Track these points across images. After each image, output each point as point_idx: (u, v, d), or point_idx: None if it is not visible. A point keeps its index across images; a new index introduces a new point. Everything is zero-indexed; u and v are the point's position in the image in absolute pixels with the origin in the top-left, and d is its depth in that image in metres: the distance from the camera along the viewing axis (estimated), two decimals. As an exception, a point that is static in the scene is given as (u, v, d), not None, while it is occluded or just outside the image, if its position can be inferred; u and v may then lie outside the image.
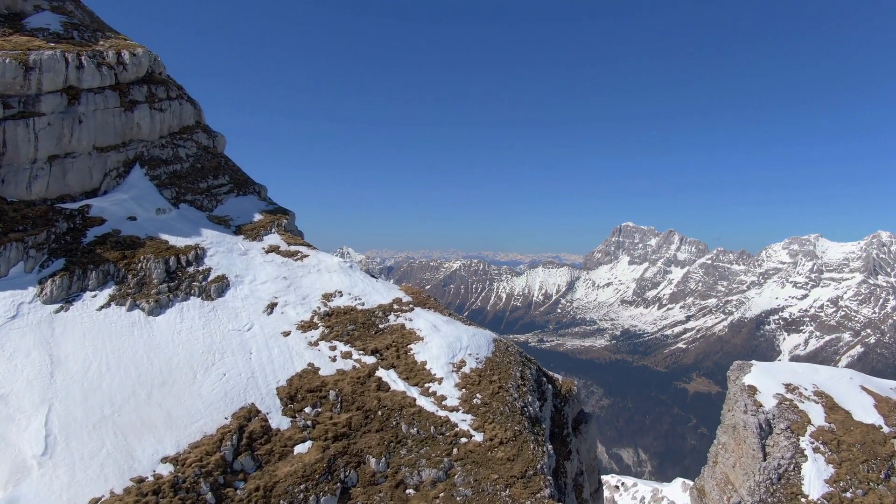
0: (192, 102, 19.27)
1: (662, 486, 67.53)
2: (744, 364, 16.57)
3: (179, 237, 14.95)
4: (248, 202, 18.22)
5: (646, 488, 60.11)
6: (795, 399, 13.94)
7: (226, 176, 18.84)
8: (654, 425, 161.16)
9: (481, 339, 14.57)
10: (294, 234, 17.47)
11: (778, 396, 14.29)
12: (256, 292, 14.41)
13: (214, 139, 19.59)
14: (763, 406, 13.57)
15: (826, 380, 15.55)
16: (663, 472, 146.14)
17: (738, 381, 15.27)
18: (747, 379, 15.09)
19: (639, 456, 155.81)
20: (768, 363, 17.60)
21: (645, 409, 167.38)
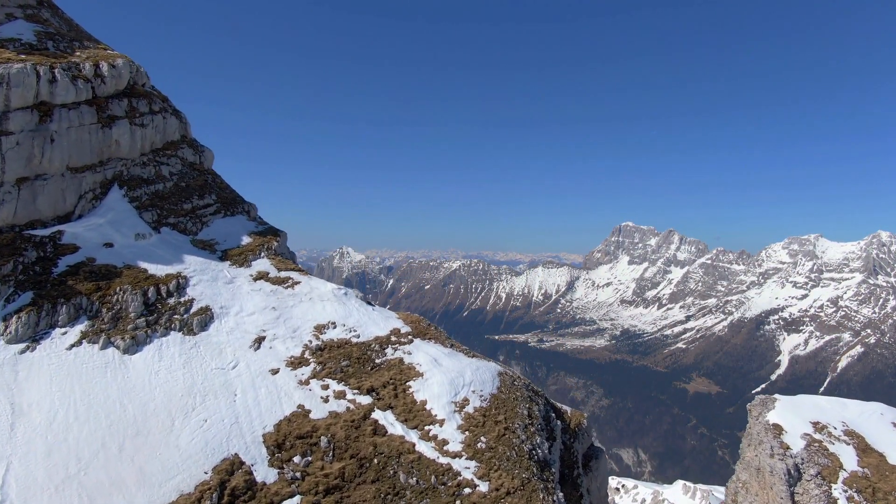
0: (178, 115, 18.07)
1: (663, 487, 66.84)
2: (766, 399, 15.61)
3: (160, 265, 13.84)
4: (236, 223, 17.05)
5: (646, 490, 59.59)
6: (825, 440, 13.01)
7: (212, 195, 17.65)
8: (653, 425, 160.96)
9: (485, 373, 13.58)
10: (285, 258, 16.33)
11: (806, 437, 13.33)
12: (243, 325, 13.37)
13: (201, 155, 18.39)
14: (790, 448, 12.64)
15: (856, 416, 14.61)
16: (663, 472, 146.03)
17: (760, 417, 14.34)
18: (771, 416, 14.13)
19: (639, 456, 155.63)
20: (793, 398, 16.64)
21: (645, 410, 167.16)
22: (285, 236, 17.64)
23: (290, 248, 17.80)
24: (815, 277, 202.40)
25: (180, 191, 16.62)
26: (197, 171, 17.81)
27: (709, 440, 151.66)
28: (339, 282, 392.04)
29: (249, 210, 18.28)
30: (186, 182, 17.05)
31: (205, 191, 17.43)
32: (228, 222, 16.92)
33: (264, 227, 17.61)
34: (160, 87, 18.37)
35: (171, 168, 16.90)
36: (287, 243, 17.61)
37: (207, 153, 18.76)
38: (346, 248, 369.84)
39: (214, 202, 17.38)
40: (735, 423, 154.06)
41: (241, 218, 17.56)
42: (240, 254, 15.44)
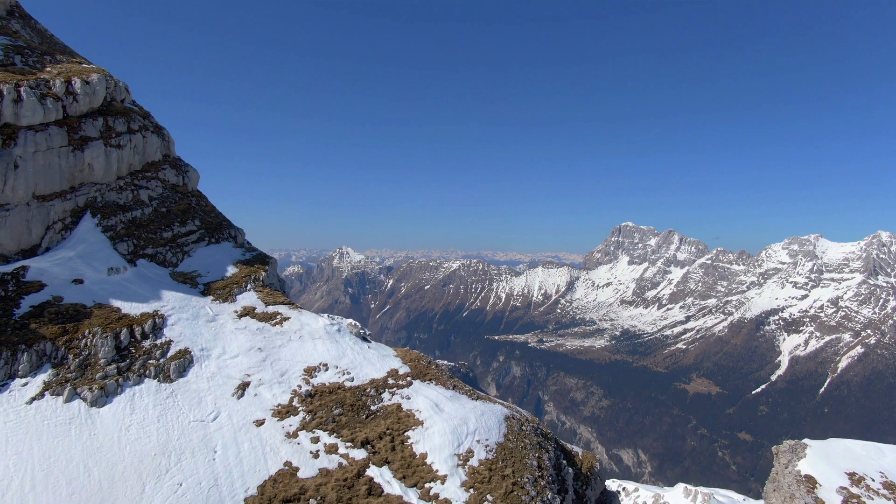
0: (160, 133, 16.76)
1: (664, 490, 66.28)
2: (796, 445, 14.51)
3: (135, 303, 12.66)
4: (221, 251, 15.79)
5: (647, 493, 59.09)
6: (863, 495, 11.93)
7: (196, 220, 16.38)
8: (653, 426, 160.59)
9: (491, 419, 12.47)
10: (274, 289, 15.13)
11: (843, 492, 12.24)
12: (225, 369, 12.23)
13: (185, 175, 17.09)
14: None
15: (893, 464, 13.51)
16: (663, 472, 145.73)
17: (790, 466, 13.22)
18: (803, 465, 13.00)
19: (638, 457, 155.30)
20: (824, 443, 15.49)
21: (645, 410, 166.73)
22: (275, 263, 16.38)
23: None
24: (815, 278, 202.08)
25: (160, 217, 15.36)
26: (180, 194, 16.52)
27: (709, 441, 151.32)
28: (339, 282, 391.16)
29: (236, 235, 16.96)
30: (167, 207, 15.78)
31: (187, 216, 16.15)
32: (213, 251, 15.66)
33: (252, 253, 16.34)
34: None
35: (151, 192, 15.63)
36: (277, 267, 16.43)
37: (192, 173, 17.44)
38: (346, 248, 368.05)
39: (198, 228, 16.10)
40: (735, 423, 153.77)
41: (226, 245, 16.28)
42: (224, 287, 14.23)
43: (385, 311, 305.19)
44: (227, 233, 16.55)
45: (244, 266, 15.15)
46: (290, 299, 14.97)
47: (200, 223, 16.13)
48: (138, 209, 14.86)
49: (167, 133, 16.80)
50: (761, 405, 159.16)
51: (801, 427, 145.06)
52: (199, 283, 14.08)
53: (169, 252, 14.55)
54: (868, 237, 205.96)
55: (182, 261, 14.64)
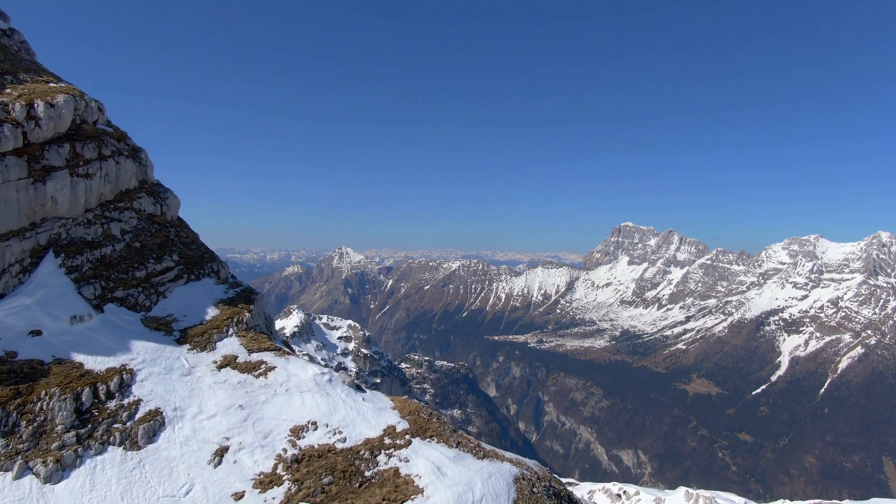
0: (136, 156, 15.15)
1: (665, 494, 65.55)
2: None
3: (100, 356, 11.18)
4: (202, 290, 14.29)
5: (648, 497, 58.43)
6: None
7: (174, 255, 14.84)
8: (653, 427, 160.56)
9: (499, 482, 11.20)
10: (260, 331, 13.65)
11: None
12: (202, 432, 10.84)
13: (163, 203, 15.49)
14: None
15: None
16: (663, 473, 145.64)
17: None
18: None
19: (638, 457, 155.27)
20: None
21: (645, 411, 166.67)
22: (261, 300, 14.91)
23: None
24: (814, 278, 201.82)
25: (133, 254, 13.83)
26: (157, 226, 14.97)
27: (709, 441, 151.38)
28: (339, 282, 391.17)
29: (219, 270, 15.38)
30: (142, 241, 14.23)
31: (164, 250, 14.62)
32: (192, 290, 14.18)
33: (236, 290, 14.83)
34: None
35: (125, 224, 14.09)
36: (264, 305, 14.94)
37: (171, 200, 15.86)
38: (346, 249, 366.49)
39: (175, 264, 14.58)
40: (735, 424, 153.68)
41: (207, 282, 14.78)
42: (203, 333, 12.74)
43: (385, 312, 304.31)
44: (208, 267, 14.99)
45: (226, 306, 13.70)
46: (276, 344, 13.50)
47: (179, 258, 14.60)
48: (108, 245, 13.21)
49: (145, 156, 15.25)
50: (761, 406, 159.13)
51: (801, 427, 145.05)
52: (175, 329, 12.64)
53: (142, 294, 13.01)
54: (868, 237, 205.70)
55: (157, 303, 13.15)
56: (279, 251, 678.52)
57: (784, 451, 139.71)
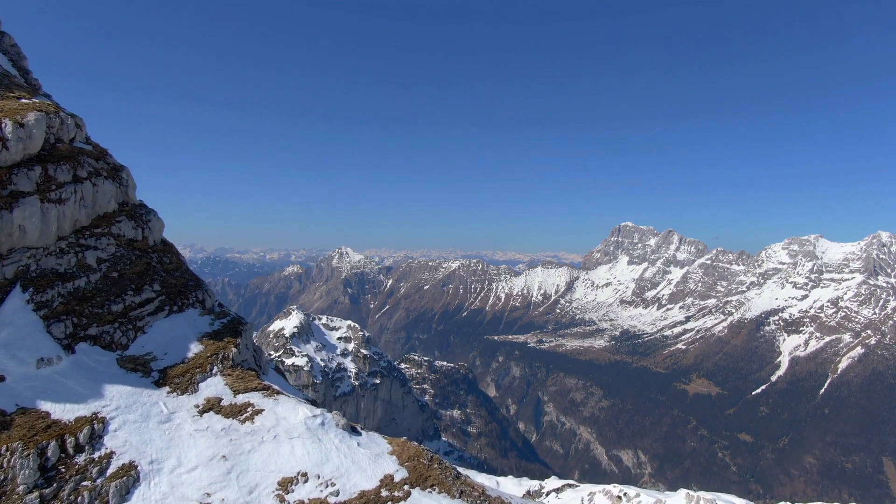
0: (116, 176, 14.01)
1: (666, 496, 65.16)
2: None
3: (69, 403, 9.93)
4: (185, 323, 13.19)
5: (649, 500, 58.03)
6: None
7: (155, 285, 13.74)
8: (653, 427, 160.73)
9: None
10: (248, 367, 12.59)
11: None
12: (180, 487, 9.77)
13: (145, 227, 14.29)
14: None
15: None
16: (663, 473, 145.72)
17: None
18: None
19: (638, 458, 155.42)
20: None
21: (645, 411, 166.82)
22: (250, 330, 13.88)
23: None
24: (814, 278, 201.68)
25: (110, 285, 12.76)
26: (137, 252, 13.84)
27: (709, 442, 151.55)
28: (339, 282, 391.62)
29: (204, 299, 14.24)
30: (120, 270, 13.13)
31: (145, 279, 13.54)
32: (174, 323, 13.10)
33: (223, 321, 13.75)
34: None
35: (101, 252, 12.96)
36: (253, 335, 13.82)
37: (154, 223, 14.67)
38: (346, 248, 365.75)
39: (156, 295, 13.53)
40: (735, 424, 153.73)
41: (191, 314, 13.69)
42: (184, 373, 11.66)
43: (384, 312, 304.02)
44: (192, 297, 13.90)
45: (211, 341, 12.68)
46: (264, 381, 12.49)
47: (161, 287, 13.55)
48: (83, 277, 11.84)
49: (126, 175, 14.11)
50: (761, 406, 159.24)
51: (801, 428, 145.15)
52: (154, 369, 11.60)
53: (118, 330, 11.90)
54: (868, 237, 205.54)
55: (134, 340, 12.05)
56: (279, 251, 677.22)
57: (784, 451, 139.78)
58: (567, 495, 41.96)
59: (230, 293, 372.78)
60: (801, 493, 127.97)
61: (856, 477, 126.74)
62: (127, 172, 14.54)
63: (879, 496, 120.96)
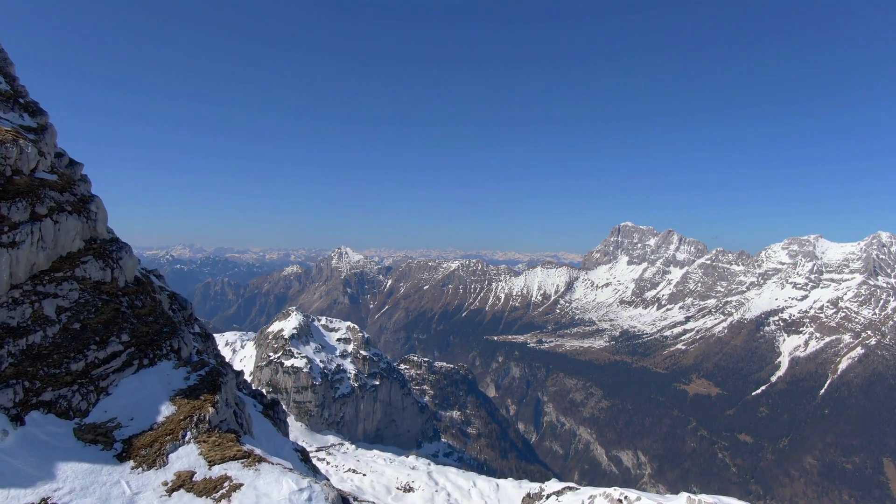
0: (83, 209, 12.04)
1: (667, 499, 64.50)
2: None
3: (15, 488, 7.86)
4: (156, 379, 11.40)
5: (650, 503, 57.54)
6: None
7: (123, 335, 11.91)
8: (653, 427, 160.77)
9: None
10: (228, 429, 10.88)
11: None
12: None
13: (116, 265, 11.75)
14: None
15: None
16: (663, 474, 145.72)
17: None
18: None
19: (638, 458, 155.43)
20: None
21: (644, 411, 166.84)
22: (231, 381, 12.23)
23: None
24: (814, 278, 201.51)
25: (70, 339, 11.00)
26: (105, 297, 12.07)
27: (709, 442, 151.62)
28: (338, 282, 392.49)
29: (180, 347, 12.48)
30: (83, 320, 11.33)
31: (112, 330, 11.83)
32: (143, 381, 11.39)
33: (200, 373, 11.99)
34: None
35: (62, 300, 11.17)
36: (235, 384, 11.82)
37: (126, 261, 12.74)
38: (345, 248, 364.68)
39: (125, 347, 11.81)
40: (735, 425, 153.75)
41: (164, 367, 11.99)
42: (152, 442, 9.76)
43: (384, 312, 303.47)
44: (167, 345, 12.27)
45: (185, 399, 11.03)
46: (245, 446, 10.91)
47: (130, 337, 11.88)
48: (38, 331, 9.70)
49: (97, 206, 12.32)
50: (761, 406, 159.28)
51: (801, 428, 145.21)
52: (117, 439, 9.90)
53: (77, 394, 10.23)
54: (868, 237, 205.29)
55: (96, 404, 10.34)
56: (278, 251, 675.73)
57: (784, 452, 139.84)
58: (567, 498, 41.15)
59: (230, 293, 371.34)
60: (802, 493, 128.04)
61: (856, 478, 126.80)
62: (97, 203, 12.94)
63: (880, 497, 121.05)
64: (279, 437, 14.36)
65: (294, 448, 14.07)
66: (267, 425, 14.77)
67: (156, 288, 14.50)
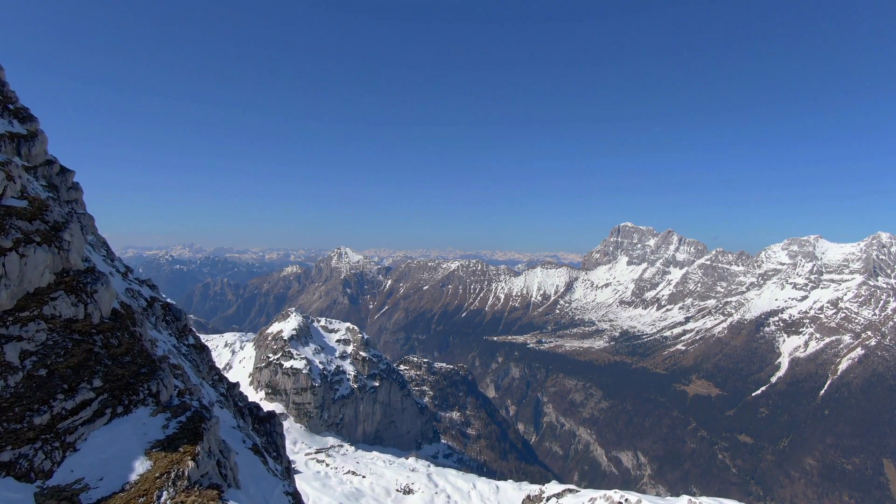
0: (55, 238, 10.72)
1: (668, 501, 64.06)
2: None
3: None
4: (130, 430, 9.82)
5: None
6: None
7: (96, 379, 10.37)
8: (653, 428, 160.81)
9: None
10: (209, 484, 9.52)
11: None
12: None
13: (90, 298, 10.60)
14: None
15: None
16: (663, 475, 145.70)
17: None
18: None
19: (638, 459, 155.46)
20: None
21: (644, 412, 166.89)
22: (215, 427, 10.90)
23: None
24: (814, 279, 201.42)
25: (36, 387, 9.60)
26: (76, 336, 10.62)
27: (709, 443, 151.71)
28: (338, 282, 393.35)
29: (159, 391, 10.98)
30: (50, 365, 9.92)
31: (82, 375, 10.39)
32: (116, 432, 9.95)
33: (180, 420, 10.35)
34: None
35: (28, 343, 9.83)
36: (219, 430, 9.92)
37: (102, 294, 11.15)
38: (345, 249, 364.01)
39: (97, 394, 10.31)
40: (735, 425, 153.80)
41: (140, 415, 10.49)
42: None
43: (384, 312, 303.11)
44: (144, 389, 10.71)
45: (163, 453, 9.65)
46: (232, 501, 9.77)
47: (103, 382, 10.50)
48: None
49: (71, 234, 10.75)
50: (761, 407, 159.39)
51: (801, 429, 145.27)
52: (85, 503, 8.75)
53: (41, 451, 8.78)
54: (868, 238, 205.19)
55: (62, 462, 8.89)
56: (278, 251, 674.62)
57: (784, 452, 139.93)
58: (567, 501, 40.31)
59: (229, 293, 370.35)
60: (802, 494, 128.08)
61: (856, 479, 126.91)
62: (71, 231, 11.64)
63: (880, 498, 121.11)
64: (269, 479, 13.36)
65: (285, 491, 13.14)
66: (257, 465, 13.78)
67: (137, 319, 13.52)
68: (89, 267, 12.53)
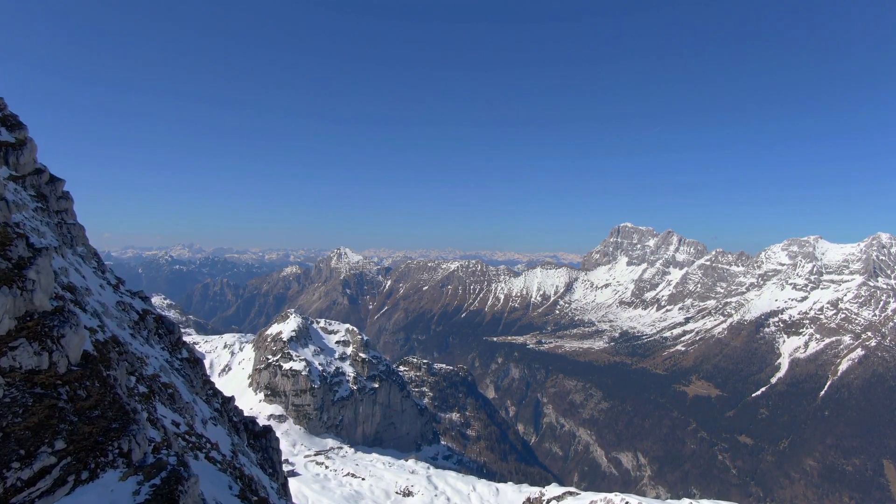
0: (17, 277, 9.69)
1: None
2: None
3: None
4: (94, 500, 8.25)
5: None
6: None
7: (58, 440, 8.88)
8: (653, 429, 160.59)
9: None
10: None
11: None
12: None
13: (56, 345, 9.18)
14: None
15: None
16: (663, 476, 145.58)
17: None
18: None
19: (638, 460, 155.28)
20: None
21: (644, 413, 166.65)
22: (194, 483, 9.79)
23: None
24: (814, 279, 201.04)
25: None
26: (38, 390, 9.38)
27: (708, 444, 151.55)
28: (338, 283, 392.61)
29: (131, 449, 9.57)
30: (6, 427, 8.19)
31: (44, 435, 9.07)
32: (79, 501, 8.65)
33: (154, 482, 8.94)
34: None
35: None
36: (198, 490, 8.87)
37: (70, 338, 9.82)
38: (344, 249, 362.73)
39: (59, 458, 8.94)
40: (735, 426, 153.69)
41: (108, 480, 9.16)
42: None
43: (383, 313, 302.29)
44: (113, 449, 9.34)
45: None
46: None
47: (66, 443, 9.15)
48: None
49: (37, 271, 9.56)
50: (761, 408, 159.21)
51: (801, 430, 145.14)
52: None
53: None
54: (868, 238, 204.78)
55: None
56: (278, 251, 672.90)
57: (784, 453, 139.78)
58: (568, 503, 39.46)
59: (229, 294, 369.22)
60: (802, 495, 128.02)
61: (856, 480, 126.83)
62: (39, 266, 10.58)
63: (880, 499, 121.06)
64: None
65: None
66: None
67: (112, 361, 12.52)
68: (57, 307, 11.46)
